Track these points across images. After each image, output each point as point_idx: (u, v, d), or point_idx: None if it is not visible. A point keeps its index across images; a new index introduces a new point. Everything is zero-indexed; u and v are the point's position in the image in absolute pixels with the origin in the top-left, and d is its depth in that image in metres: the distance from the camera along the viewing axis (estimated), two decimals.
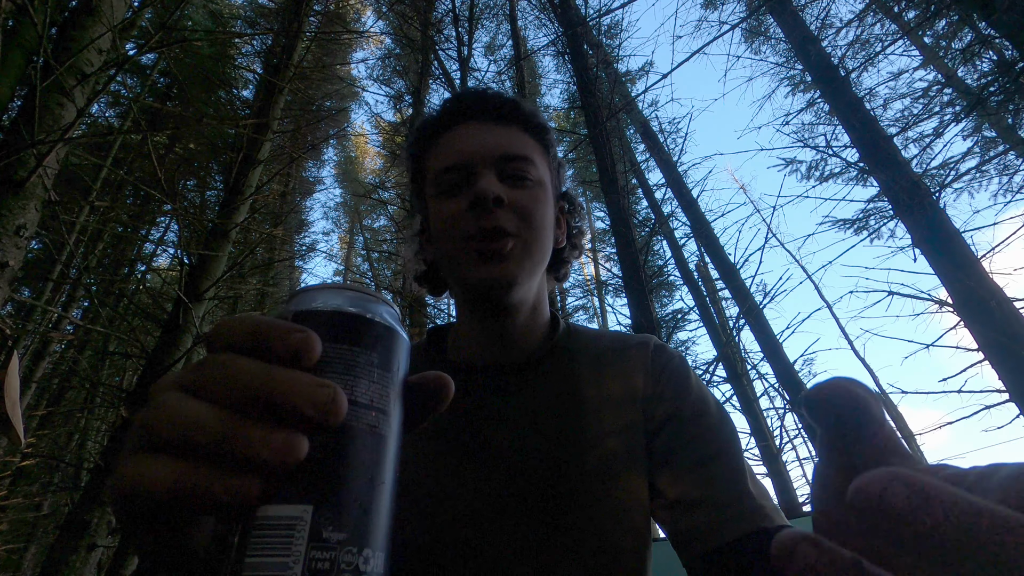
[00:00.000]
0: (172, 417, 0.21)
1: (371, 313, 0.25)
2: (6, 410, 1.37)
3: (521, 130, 0.66)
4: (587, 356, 0.68)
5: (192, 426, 0.20)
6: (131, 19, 3.32)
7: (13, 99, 2.48)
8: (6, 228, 2.19)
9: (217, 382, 0.21)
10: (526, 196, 0.61)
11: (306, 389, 0.21)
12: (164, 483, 0.20)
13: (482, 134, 0.63)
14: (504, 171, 0.62)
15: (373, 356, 0.24)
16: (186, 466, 0.20)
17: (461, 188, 0.61)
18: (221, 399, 0.21)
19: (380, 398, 0.24)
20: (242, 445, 0.20)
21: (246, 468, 0.20)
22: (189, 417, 0.20)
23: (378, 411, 0.23)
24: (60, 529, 3.35)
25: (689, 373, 0.66)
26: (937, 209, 5.21)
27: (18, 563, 8.14)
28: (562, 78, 11.52)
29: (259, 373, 0.21)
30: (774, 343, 7.72)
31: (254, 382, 0.21)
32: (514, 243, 0.59)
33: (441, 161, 0.64)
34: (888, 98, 6.78)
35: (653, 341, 0.69)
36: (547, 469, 0.59)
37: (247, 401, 0.21)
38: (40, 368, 7.16)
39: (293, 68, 5.56)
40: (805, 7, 7.04)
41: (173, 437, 0.20)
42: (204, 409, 0.21)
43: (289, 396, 0.21)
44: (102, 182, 7.23)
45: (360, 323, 0.24)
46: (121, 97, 6.39)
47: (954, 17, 6.12)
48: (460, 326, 0.68)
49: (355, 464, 0.22)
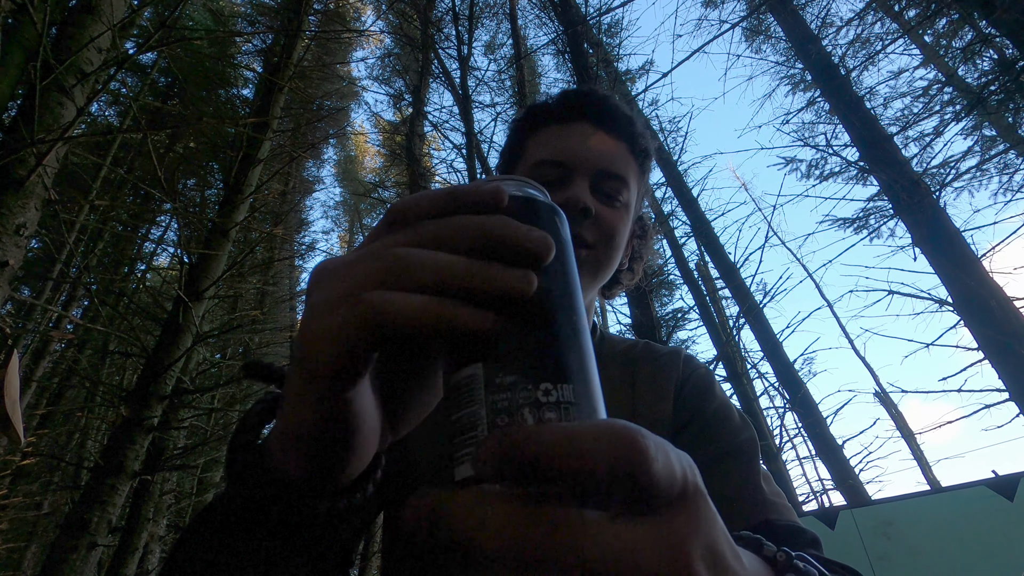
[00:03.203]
0: (424, 262, 0.23)
1: (530, 190, 0.29)
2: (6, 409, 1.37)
3: (627, 148, 0.66)
4: (621, 361, 0.69)
5: (444, 269, 0.23)
6: (131, 18, 3.31)
7: (13, 98, 2.47)
8: (6, 227, 2.19)
9: (449, 236, 0.24)
10: (613, 215, 0.62)
11: (521, 231, 0.24)
12: (422, 312, 0.22)
13: (591, 140, 0.64)
14: (599, 185, 0.62)
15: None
16: (440, 300, 0.23)
17: (554, 186, 0.62)
18: (458, 247, 0.24)
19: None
20: (487, 281, 0.23)
21: (486, 303, 0.23)
22: (440, 262, 0.23)
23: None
24: (60, 528, 3.35)
25: (713, 382, 0.68)
26: (937, 208, 5.22)
27: (18, 562, 8.15)
28: (562, 77, 11.49)
29: (478, 223, 0.24)
30: (774, 342, 7.72)
31: (479, 231, 0.24)
32: (588, 254, 0.61)
33: (544, 151, 0.64)
34: (888, 97, 6.78)
35: (684, 352, 0.71)
36: None
37: (479, 247, 0.24)
38: (40, 367, 7.16)
39: (293, 67, 5.56)
40: (805, 6, 7.04)
41: (427, 279, 0.23)
42: (448, 256, 0.23)
43: (511, 237, 0.23)
44: (102, 181, 7.22)
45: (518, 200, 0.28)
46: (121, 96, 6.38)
47: (955, 16, 6.12)
48: None
49: (517, 318, 0.24)
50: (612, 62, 7.83)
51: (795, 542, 0.50)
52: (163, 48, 3.17)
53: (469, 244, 0.24)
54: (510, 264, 0.23)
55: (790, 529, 0.52)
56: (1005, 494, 2.35)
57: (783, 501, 0.56)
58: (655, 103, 9.96)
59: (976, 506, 2.40)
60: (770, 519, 0.53)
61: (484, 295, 0.23)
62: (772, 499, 0.55)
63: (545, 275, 0.25)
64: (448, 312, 0.22)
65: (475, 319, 0.23)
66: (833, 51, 6.67)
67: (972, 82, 5.98)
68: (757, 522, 0.52)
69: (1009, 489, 2.35)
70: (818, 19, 6.80)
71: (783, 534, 0.51)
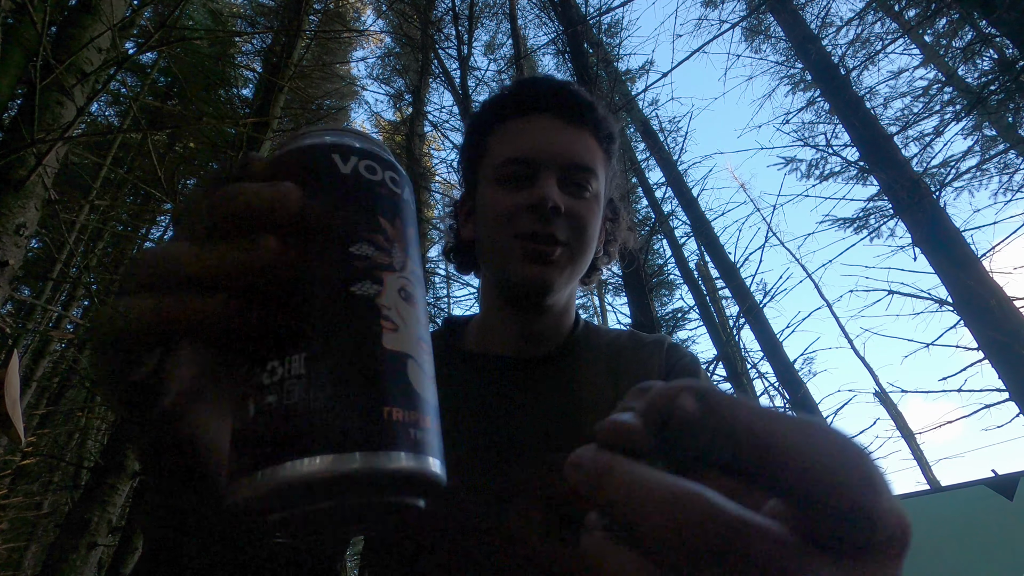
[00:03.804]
0: (147, 259, 0.22)
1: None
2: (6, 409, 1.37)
3: (592, 136, 0.65)
4: (605, 353, 0.68)
5: (163, 261, 0.22)
6: (131, 18, 3.32)
7: (13, 98, 2.48)
8: (6, 227, 2.19)
9: (189, 223, 0.23)
10: (582, 208, 0.62)
11: (242, 194, 0.22)
12: (146, 313, 0.21)
13: (554, 134, 0.63)
14: (567, 178, 0.62)
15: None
16: (163, 296, 0.21)
17: (521, 184, 0.61)
18: (197, 232, 0.22)
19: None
20: (210, 265, 0.21)
21: (215, 286, 0.21)
22: (162, 254, 0.22)
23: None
24: (60, 528, 3.35)
25: (699, 370, 0.68)
26: (937, 208, 5.22)
27: (19, 562, 8.15)
28: (562, 77, 11.48)
29: (210, 199, 0.22)
30: (774, 342, 7.72)
31: (210, 207, 0.22)
32: (562, 251, 0.60)
33: (507, 149, 0.63)
34: (888, 97, 6.78)
35: (667, 340, 0.70)
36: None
37: (212, 225, 0.22)
38: (40, 367, 7.16)
39: (293, 67, 5.56)
40: (805, 6, 7.04)
41: (146, 277, 0.22)
42: (175, 245, 0.22)
43: (235, 205, 0.22)
44: (102, 181, 7.22)
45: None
46: (121, 96, 6.39)
47: (955, 15, 6.11)
48: (486, 316, 0.69)
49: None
50: (612, 62, 7.83)
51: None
52: (163, 48, 3.17)
53: (206, 224, 0.22)
54: (251, 234, 0.22)
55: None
56: (1005, 494, 2.35)
57: None
58: (655, 103, 9.97)
59: (976, 506, 2.40)
60: None
61: (215, 280, 0.21)
62: None
63: (299, 234, 0.22)
64: (168, 307, 0.21)
65: (199, 309, 0.21)
66: (833, 51, 6.66)
67: (972, 82, 5.98)
68: None
69: (1009, 489, 2.35)
70: (818, 19, 6.80)
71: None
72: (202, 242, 0.22)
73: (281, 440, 0.19)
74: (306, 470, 0.18)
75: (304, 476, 0.18)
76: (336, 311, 0.21)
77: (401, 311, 0.22)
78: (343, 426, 0.19)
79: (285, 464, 0.18)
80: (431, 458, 0.21)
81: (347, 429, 0.19)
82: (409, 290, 0.23)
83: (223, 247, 0.21)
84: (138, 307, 0.21)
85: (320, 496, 0.19)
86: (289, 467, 0.18)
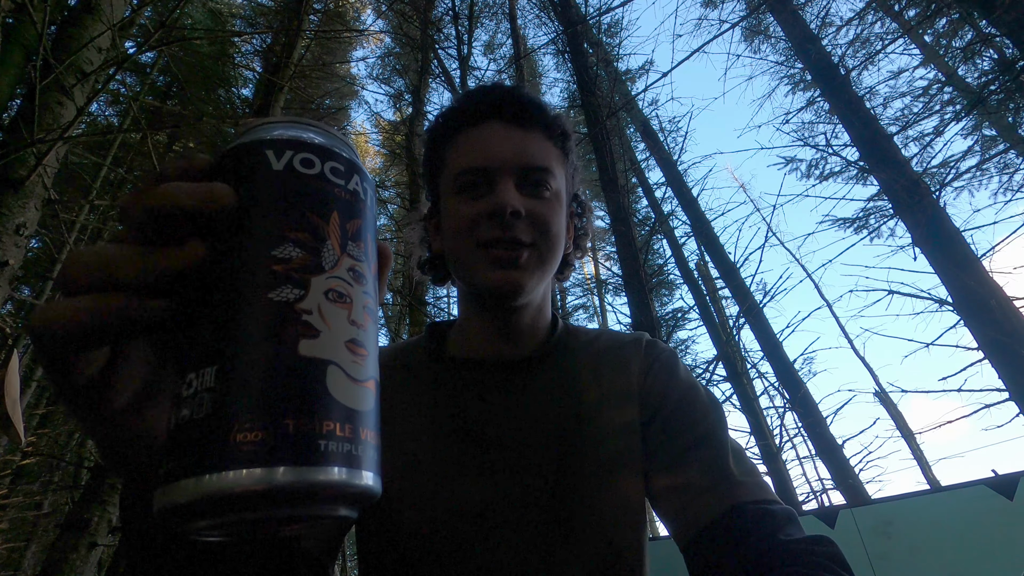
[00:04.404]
0: (80, 259, 0.22)
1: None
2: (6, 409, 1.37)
3: (544, 137, 0.66)
4: (586, 355, 0.69)
5: (99, 262, 0.22)
6: (131, 17, 3.31)
7: (13, 98, 2.47)
8: (6, 227, 2.19)
9: (125, 224, 0.23)
10: (543, 207, 0.62)
11: (169, 194, 0.22)
12: (79, 313, 0.21)
13: (506, 139, 0.63)
14: (524, 181, 0.62)
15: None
16: (97, 298, 0.21)
17: (480, 192, 0.62)
18: (132, 234, 0.23)
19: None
20: (135, 266, 0.21)
21: (144, 290, 0.22)
22: (95, 255, 0.22)
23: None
24: (60, 527, 3.35)
25: (677, 365, 0.68)
26: (937, 208, 5.22)
27: (19, 562, 8.15)
28: (562, 77, 11.49)
29: (142, 199, 0.23)
30: (774, 342, 7.72)
31: (140, 207, 0.22)
32: (529, 253, 0.61)
33: (462, 160, 0.64)
34: (888, 97, 6.77)
35: (645, 338, 0.71)
36: (550, 465, 0.60)
37: (141, 228, 0.22)
38: (40, 367, 7.16)
39: (293, 67, 5.55)
40: (805, 5, 7.04)
41: (82, 278, 0.22)
42: (110, 246, 0.22)
43: (171, 203, 0.22)
44: (102, 181, 7.22)
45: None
46: (121, 96, 6.38)
47: (955, 15, 6.12)
48: (464, 321, 0.69)
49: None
50: (612, 62, 7.83)
51: (763, 525, 0.51)
52: (163, 48, 3.17)
53: (139, 223, 0.22)
54: (181, 236, 0.22)
55: (759, 513, 0.52)
56: (1005, 494, 2.35)
57: (754, 479, 0.56)
58: (655, 103, 9.98)
59: (976, 505, 2.40)
60: (739, 503, 0.53)
61: (141, 283, 0.21)
62: (742, 480, 0.55)
63: (226, 237, 0.22)
64: (99, 309, 0.21)
65: (129, 312, 0.21)
66: (833, 51, 6.66)
67: (972, 82, 5.98)
68: (725, 509, 0.53)
69: (1009, 488, 2.35)
70: (818, 19, 6.80)
71: (751, 518, 0.52)
72: (135, 243, 0.22)
73: (189, 454, 0.19)
74: (207, 486, 0.19)
75: (205, 491, 0.19)
76: (250, 320, 0.21)
77: (326, 315, 0.22)
78: (241, 442, 0.19)
79: (189, 480, 0.19)
80: (339, 468, 0.20)
81: (244, 444, 0.19)
82: (341, 290, 0.23)
83: (148, 250, 0.22)
84: (71, 308, 0.21)
85: (225, 508, 0.19)
86: (194, 482, 0.19)
